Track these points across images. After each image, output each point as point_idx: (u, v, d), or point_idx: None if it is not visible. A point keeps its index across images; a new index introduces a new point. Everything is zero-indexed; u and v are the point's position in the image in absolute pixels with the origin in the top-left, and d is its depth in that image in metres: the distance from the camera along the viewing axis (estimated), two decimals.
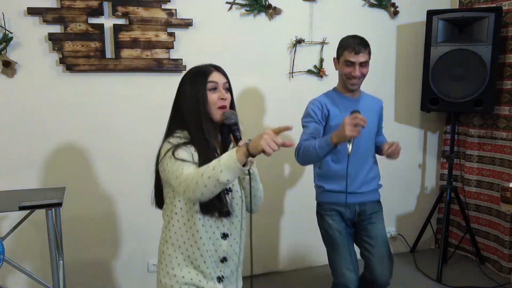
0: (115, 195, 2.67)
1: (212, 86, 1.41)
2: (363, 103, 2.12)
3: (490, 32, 2.84)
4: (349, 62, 2.02)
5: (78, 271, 2.66)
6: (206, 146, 1.38)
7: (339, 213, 2.09)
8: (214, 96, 1.40)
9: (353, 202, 2.08)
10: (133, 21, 2.53)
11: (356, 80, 2.04)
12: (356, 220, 2.12)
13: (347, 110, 1.94)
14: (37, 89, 2.45)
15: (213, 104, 1.40)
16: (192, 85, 1.41)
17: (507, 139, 3.02)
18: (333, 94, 2.14)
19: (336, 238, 2.06)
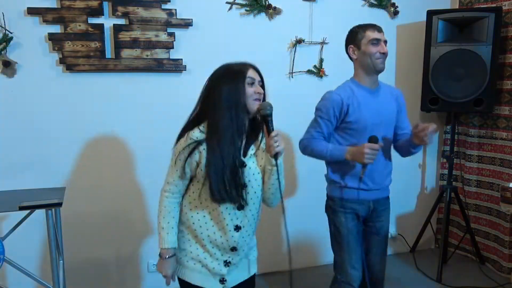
0: (115, 195, 2.67)
1: (250, 81, 1.51)
2: (382, 93, 2.04)
3: (490, 32, 2.84)
4: (375, 40, 1.93)
5: (78, 271, 2.66)
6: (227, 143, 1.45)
7: (354, 210, 2.02)
8: (251, 89, 1.50)
9: (368, 199, 2.03)
10: (133, 21, 2.53)
11: (384, 58, 1.94)
12: (367, 217, 2.07)
13: (366, 103, 1.94)
14: (37, 89, 2.45)
15: (250, 95, 1.49)
16: (231, 79, 1.50)
17: (507, 139, 3.02)
18: (352, 86, 2.00)
19: (347, 236, 2.02)
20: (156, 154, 2.70)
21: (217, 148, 1.43)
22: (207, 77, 1.65)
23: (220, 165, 1.43)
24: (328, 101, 1.97)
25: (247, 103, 1.48)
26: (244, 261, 1.64)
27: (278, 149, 1.44)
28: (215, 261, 1.55)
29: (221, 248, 1.55)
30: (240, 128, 1.47)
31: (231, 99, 1.46)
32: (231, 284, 1.62)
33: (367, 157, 1.79)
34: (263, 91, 1.55)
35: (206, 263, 1.55)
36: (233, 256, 1.57)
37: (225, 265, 1.57)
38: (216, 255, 1.55)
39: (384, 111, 1.99)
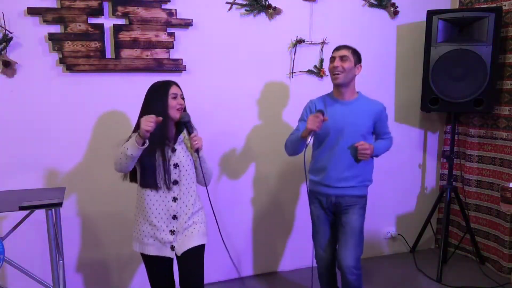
0: (115, 195, 2.67)
1: (173, 96, 1.94)
2: (354, 106, 2.26)
3: (490, 32, 2.84)
4: (332, 58, 2.25)
5: (78, 271, 2.67)
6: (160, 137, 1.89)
7: (319, 201, 2.34)
8: (175, 101, 1.94)
9: (330, 193, 2.29)
10: (133, 21, 2.53)
11: (336, 73, 2.20)
12: (333, 210, 2.33)
13: (333, 111, 2.24)
14: (37, 89, 2.45)
15: (173, 106, 1.93)
16: (158, 94, 1.94)
17: (507, 139, 3.02)
18: (326, 97, 2.34)
19: (315, 222, 2.38)
20: None
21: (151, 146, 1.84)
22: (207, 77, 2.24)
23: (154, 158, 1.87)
24: (305, 106, 2.37)
25: (170, 112, 1.92)
26: (190, 231, 1.96)
27: (196, 146, 1.91)
28: (163, 232, 1.93)
29: (165, 219, 1.93)
30: (166, 129, 1.92)
31: (159, 109, 1.89)
32: (181, 249, 1.93)
33: (309, 123, 2.08)
34: (183, 102, 1.97)
35: (156, 236, 1.93)
36: (175, 224, 1.94)
37: (171, 233, 1.93)
38: (162, 227, 1.92)
39: (351, 120, 2.22)
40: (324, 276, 2.46)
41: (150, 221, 1.94)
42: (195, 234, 1.97)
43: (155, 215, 1.93)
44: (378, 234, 3.43)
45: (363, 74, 3.14)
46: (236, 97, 2.86)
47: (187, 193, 1.96)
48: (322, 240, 2.37)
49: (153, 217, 1.93)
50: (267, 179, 3.04)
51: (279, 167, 3.05)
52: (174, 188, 1.94)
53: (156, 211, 1.93)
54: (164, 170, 1.89)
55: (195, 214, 2.00)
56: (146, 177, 1.91)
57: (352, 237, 2.26)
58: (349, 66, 2.19)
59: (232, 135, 2.90)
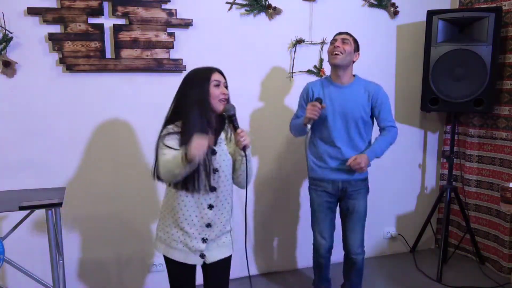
0: (115, 195, 2.67)
1: (215, 84, 1.69)
2: (351, 88, 2.33)
3: (490, 32, 2.84)
4: (333, 40, 2.32)
5: (78, 271, 2.67)
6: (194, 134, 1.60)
7: (323, 188, 2.37)
8: (217, 91, 1.69)
9: (336, 178, 2.33)
10: (133, 21, 2.53)
11: (336, 53, 2.25)
12: (339, 195, 2.38)
13: (331, 95, 2.31)
14: (37, 89, 2.45)
15: (216, 97, 1.68)
16: (198, 82, 1.70)
17: (507, 139, 3.02)
18: (324, 81, 2.41)
19: (316, 209, 2.41)
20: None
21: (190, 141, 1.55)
22: None
23: None
24: (303, 91, 2.46)
25: (212, 103, 1.68)
26: (222, 241, 1.83)
27: (244, 143, 1.66)
28: (194, 239, 1.76)
29: (197, 226, 1.75)
30: (208, 124, 1.68)
31: (199, 100, 1.67)
32: (211, 259, 1.81)
33: (308, 111, 2.18)
34: (227, 92, 1.74)
35: (186, 242, 1.76)
36: (209, 232, 1.78)
37: (203, 242, 1.77)
38: (194, 234, 1.76)
39: (345, 104, 2.29)
40: (321, 264, 2.50)
41: (181, 227, 1.76)
42: (226, 244, 1.85)
43: (188, 222, 1.75)
44: (378, 234, 3.43)
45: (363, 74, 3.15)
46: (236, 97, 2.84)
47: (224, 200, 1.79)
48: (323, 227, 2.41)
49: (186, 223, 1.75)
50: (268, 179, 3.04)
51: (280, 166, 3.05)
52: (211, 195, 1.75)
53: (189, 218, 1.75)
54: (205, 175, 1.69)
55: (228, 222, 1.85)
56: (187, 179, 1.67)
57: (360, 222, 2.39)
58: (349, 49, 2.28)
59: None
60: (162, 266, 2.83)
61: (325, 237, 2.43)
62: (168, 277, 1.90)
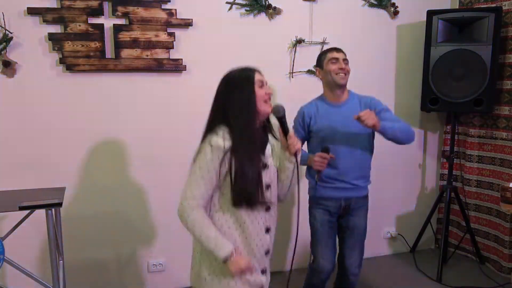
0: (115, 195, 2.67)
1: (260, 84, 1.53)
2: (345, 109, 2.22)
3: (490, 32, 2.84)
4: (333, 59, 2.20)
5: (78, 271, 2.66)
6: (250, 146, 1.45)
7: (325, 207, 2.26)
8: (262, 91, 1.52)
9: (339, 196, 2.23)
10: (133, 21, 2.53)
11: (343, 74, 2.18)
12: (341, 213, 2.28)
13: (328, 116, 2.21)
14: (37, 89, 2.45)
15: (261, 97, 1.51)
16: (241, 83, 1.51)
17: (507, 139, 3.02)
18: (318, 102, 2.29)
19: (318, 230, 2.27)
20: (156, 154, 2.71)
21: (245, 155, 1.43)
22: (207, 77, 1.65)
23: (251, 171, 1.43)
24: (297, 115, 2.32)
25: (258, 106, 1.49)
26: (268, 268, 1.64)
27: (297, 146, 1.51)
28: (255, 273, 1.51)
29: (257, 255, 1.52)
30: (255, 129, 1.48)
31: (246, 104, 1.48)
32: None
33: (316, 164, 2.09)
34: (272, 91, 1.58)
35: (247, 278, 1.50)
36: (266, 260, 1.57)
37: (263, 274, 1.56)
38: (254, 266, 1.51)
39: (343, 123, 2.18)
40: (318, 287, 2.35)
41: None
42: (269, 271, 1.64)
43: (248, 251, 1.50)
44: (378, 234, 3.43)
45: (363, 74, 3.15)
46: None
47: (275, 221, 1.60)
48: (326, 249, 2.25)
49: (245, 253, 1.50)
50: None
51: None
52: (266, 216, 1.54)
53: (250, 246, 1.50)
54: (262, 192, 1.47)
55: None
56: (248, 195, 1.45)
57: (360, 241, 2.30)
58: (349, 69, 2.23)
59: None
60: (162, 266, 2.83)
61: (329, 261, 2.25)
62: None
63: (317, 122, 2.22)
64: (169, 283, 2.86)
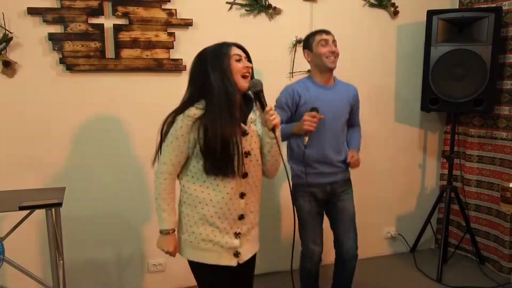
0: (115, 195, 2.67)
1: (237, 58, 1.55)
2: (335, 91, 2.25)
3: (490, 32, 2.84)
4: (323, 40, 2.17)
5: (78, 271, 2.67)
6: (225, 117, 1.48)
7: (311, 193, 2.25)
8: (239, 65, 1.54)
9: (324, 182, 2.24)
10: (133, 21, 2.53)
11: (333, 57, 2.16)
12: (327, 198, 2.30)
13: (317, 96, 2.17)
14: (37, 89, 2.45)
15: (239, 71, 1.53)
16: (216, 57, 1.54)
17: (507, 139, 3.02)
18: (307, 82, 2.25)
19: (305, 218, 2.27)
20: None
21: (217, 122, 1.47)
22: None
23: (221, 139, 1.47)
24: (283, 93, 2.23)
25: (236, 79, 1.53)
26: (251, 235, 1.68)
27: (274, 122, 1.52)
28: (226, 235, 1.58)
29: (229, 219, 1.58)
30: (234, 102, 1.51)
31: (221, 77, 1.50)
32: (245, 257, 1.65)
33: (306, 124, 2.01)
34: (251, 65, 1.59)
35: (218, 240, 1.58)
36: (241, 225, 1.61)
37: (236, 237, 1.60)
38: (226, 229, 1.58)
39: (332, 106, 2.20)
40: (313, 272, 2.39)
41: (211, 222, 1.57)
42: (255, 239, 1.70)
43: (219, 215, 1.56)
44: (378, 234, 3.43)
45: (363, 74, 3.16)
46: None
47: (254, 188, 1.63)
48: (314, 233, 2.29)
49: (216, 217, 1.56)
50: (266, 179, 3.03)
51: None
52: (242, 182, 1.58)
53: (220, 210, 1.56)
54: (237, 159, 1.50)
55: (258, 213, 1.70)
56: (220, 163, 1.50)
57: (352, 222, 2.33)
58: (339, 52, 2.21)
59: None
60: (161, 266, 2.83)
61: (318, 244, 2.31)
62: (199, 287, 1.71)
63: (306, 101, 2.18)
64: (169, 283, 2.86)
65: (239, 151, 1.51)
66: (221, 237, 1.58)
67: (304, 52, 2.28)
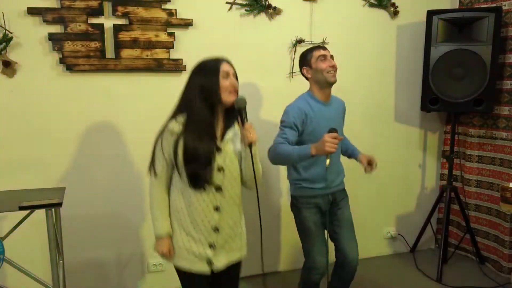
0: (115, 195, 2.67)
1: (225, 75, 1.63)
2: (333, 107, 2.29)
3: (490, 32, 2.84)
4: (321, 56, 2.17)
5: (78, 271, 2.67)
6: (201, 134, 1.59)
7: (316, 205, 2.26)
8: (226, 82, 1.62)
9: (326, 192, 2.26)
10: (133, 21, 2.53)
11: (333, 71, 2.17)
12: (329, 208, 2.31)
13: (321, 114, 2.18)
14: (37, 89, 2.45)
15: (226, 88, 1.62)
16: (206, 73, 1.64)
17: (507, 139, 3.02)
18: (308, 99, 2.23)
19: (311, 228, 2.26)
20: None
21: (193, 138, 1.57)
22: None
23: (196, 154, 1.57)
24: (290, 112, 2.16)
25: (222, 96, 1.61)
26: (230, 246, 1.74)
27: (251, 138, 1.59)
28: (201, 245, 1.67)
29: (204, 231, 1.66)
30: (214, 118, 1.63)
31: (206, 92, 1.60)
32: (220, 265, 1.71)
33: (328, 145, 1.91)
34: (237, 84, 1.67)
35: (192, 250, 1.67)
36: (216, 237, 1.68)
37: (210, 248, 1.68)
38: (200, 240, 1.67)
39: (335, 121, 2.22)
40: (318, 284, 2.34)
41: (187, 231, 1.67)
42: (235, 249, 1.76)
43: (194, 225, 1.66)
44: (378, 234, 3.43)
45: (363, 74, 3.16)
46: None
47: (231, 203, 1.70)
48: (321, 245, 2.26)
49: (191, 227, 1.66)
50: (265, 179, 3.04)
51: (279, 167, 3.05)
52: (216, 196, 1.66)
53: (195, 221, 1.66)
54: (210, 173, 1.61)
55: (238, 226, 1.76)
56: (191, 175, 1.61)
57: (352, 230, 2.35)
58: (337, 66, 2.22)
59: None
60: (161, 266, 2.83)
61: (324, 255, 2.25)
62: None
63: (312, 121, 2.17)
64: (169, 283, 2.85)
65: (212, 166, 1.60)
66: (196, 247, 1.67)
67: (302, 70, 2.26)
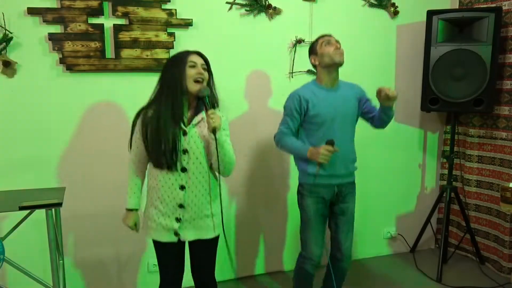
0: (115, 195, 2.67)
1: (191, 64, 1.77)
2: (341, 93, 2.25)
3: (490, 32, 2.84)
4: (326, 41, 2.20)
5: (78, 271, 2.67)
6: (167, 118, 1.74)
7: (319, 194, 2.25)
8: (193, 71, 1.76)
9: (332, 183, 2.25)
10: (133, 21, 2.53)
11: (340, 52, 2.16)
12: (333, 199, 2.29)
13: (324, 99, 2.18)
14: (37, 89, 2.45)
15: (190, 77, 1.75)
16: (174, 64, 1.79)
17: (507, 139, 3.02)
18: (312, 86, 2.25)
19: (311, 217, 2.27)
20: None
21: (158, 123, 1.73)
22: None
23: (161, 137, 1.73)
24: (290, 100, 2.24)
25: (187, 84, 1.75)
26: (199, 224, 1.87)
27: (213, 124, 1.69)
28: (167, 218, 1.85)
29: (170, 206, 1.83)
30: (181, 105, 1.76)
31: (173, 81, 1.75)
32: (188, 238, 1.87)
33: (321, 157, 2.05)
34: (205, 73, 1.79)
35: (160, 221, 1.86)
36: (183, 213, 1.84)
37: (177, 221, 1.85)
38: (167, 213, 1.84)
39: (342, 106, 2.21)
40: (311, 274, 2.34)
41: (155, 205, 1.86)
42: (205, 227, 1.88)
43: (161, 200, 1.84)
44: (378, 234, 3.43)
45: (363, 74, 3.15)
46: (236, 97, 2.86)
47: (197, 183, 1.83)
48: (319, 236, 2.28)
49: (159, 202, 1.84)
50: (265, 179, 3.04)
51: (278, 167, 3.05)
52: (182, 176, 1.80)
53: (162, 197, 1.83)
54: (175, 155, 1.75)
55: (207, 206, 1.88)
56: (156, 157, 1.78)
57: (351, 223, 2.35)
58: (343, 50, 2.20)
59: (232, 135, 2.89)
60: None
61: (320, 246, 2.28)
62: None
63: (315, 106, 2.16)
64: None
65: (177, 148, 1.75)
66: (163, 219, 1.85)
67: (311, 58, 2.26)
